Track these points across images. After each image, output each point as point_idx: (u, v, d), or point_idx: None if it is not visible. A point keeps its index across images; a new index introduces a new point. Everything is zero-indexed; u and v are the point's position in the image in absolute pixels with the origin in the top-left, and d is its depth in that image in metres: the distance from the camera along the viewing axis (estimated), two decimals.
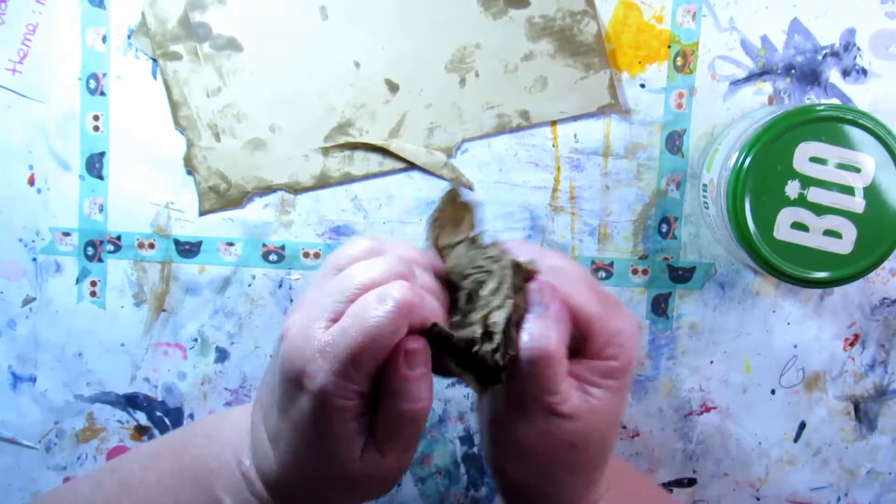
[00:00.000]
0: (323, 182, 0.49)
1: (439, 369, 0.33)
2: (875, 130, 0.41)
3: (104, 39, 0.49)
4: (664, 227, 0.49)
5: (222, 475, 0.36)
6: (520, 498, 0.38)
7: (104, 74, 0.49)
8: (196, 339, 0.50)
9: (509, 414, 0.35)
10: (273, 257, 0.50)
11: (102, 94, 0.49)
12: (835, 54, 0.48)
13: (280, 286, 0.50)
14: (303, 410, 0.32)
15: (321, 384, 0.31)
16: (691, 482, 0.51)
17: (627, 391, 0.36)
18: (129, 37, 0.48)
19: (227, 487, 0.36)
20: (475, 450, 0.51)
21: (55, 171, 0.49)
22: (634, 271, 0.49)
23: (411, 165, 0.49)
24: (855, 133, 0.41)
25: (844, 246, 0.42)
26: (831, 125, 0.41)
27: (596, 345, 0.35)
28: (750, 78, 0.48)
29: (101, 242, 0.50)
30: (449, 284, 0.36)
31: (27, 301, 0.50)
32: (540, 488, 0.37)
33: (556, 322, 0.33)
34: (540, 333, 0.33)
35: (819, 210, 0.41)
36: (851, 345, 0.49)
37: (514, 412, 0.35)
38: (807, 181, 0.41)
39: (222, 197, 0.49)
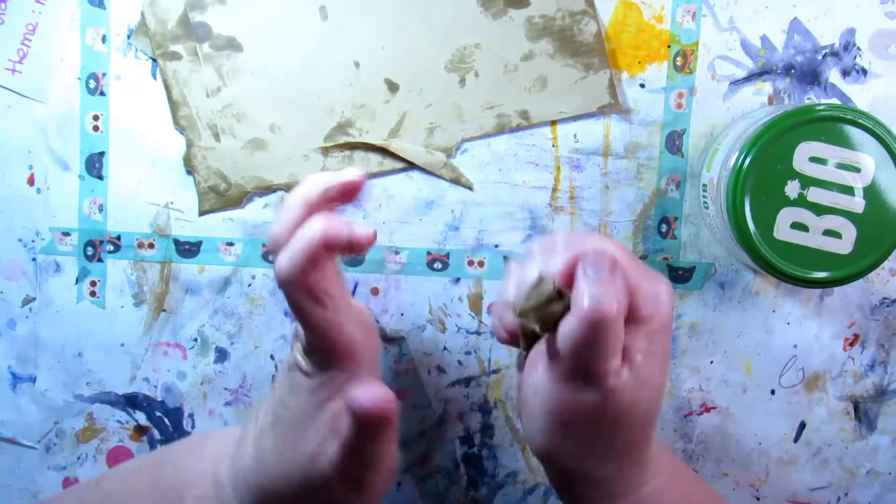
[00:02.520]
0: None
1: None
2: (875, 130, 0.41)
3: (104, 39, 0.49)
4: (664, 227, 0.49)
5: (196, 485, 0.36)
6: (564, 478, 0.38)
7: (104, 74, 0.49)
8: (196, 339, 0.50)
9: (556, 388, 0.34)
10: (273, 257, 0.50)
11: (102, 94, 0.49)
12: (835, 54, 0.48)
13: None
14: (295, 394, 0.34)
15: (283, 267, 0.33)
16: None
17: (668, 360, 0.36)
18: (128, 37, 0.48)
19: (198, 498, 0.36)
20: (475, 450, 0.51)
21: (55, 171, 0.49)
22: None
23: (411, 165, 0.49)
24: (855, 133, 0.41)
25: (844, 246, 0.42)
26: (831, 125, 0.41)
27: (635, 310, 0.34)
28: (750, 78, 0.48)
29: (101, 242, 0.50)
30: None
31: (27, 301, 0.50)
32: (582, 467, 0.36)
33: (615, 286, 0.33)
34: (601, 295, 0.32)
35: (819, 210, 0.41)
36: (851, 345, 0.49)
37: (560, 385, 0.34)
38: (807, 181, 0.41)
39: (222, 197, 0.49)
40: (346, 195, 0.35)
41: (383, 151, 0.49)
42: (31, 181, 0.49)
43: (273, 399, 0.37)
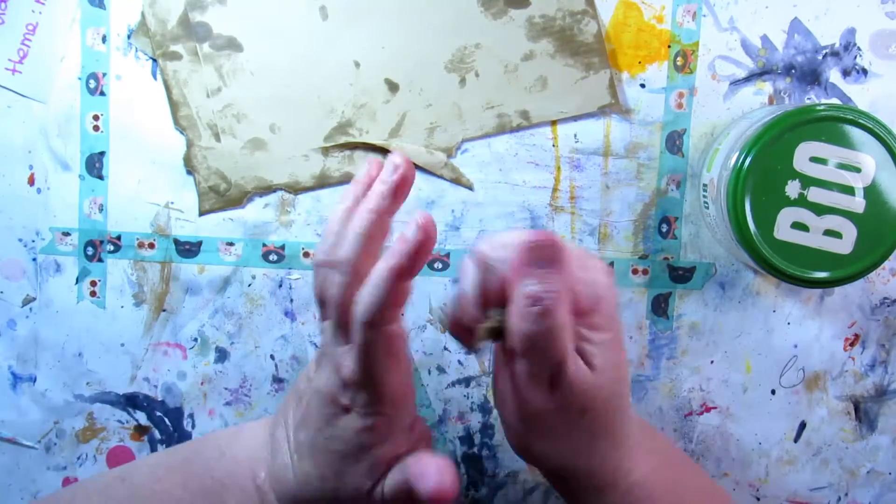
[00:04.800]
0: (323, 182, 0.49)
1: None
2: (875, 130, 0.41)
3: (104, 39, 0.49)
4: (664, 227, 0.49)
5: (235, 490, 0.36)
6: (552, 474, 0.38)
7: (104, 74, 0.49)
8: (196, 339, 0.50)
9: (520, 390, 0.35)
10: (273, 257, 0.50)
11: (102, 94, 0.49)
12: (835, 54, 0.48)
13: (280, 286, 0.50)
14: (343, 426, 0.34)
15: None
16: None
17: (621, 344, 0.36)
18: (129, 37, 0.48)
19: (240, 501, 0.36)
20: (475, 450, 0.51)
21: (55, 171, 0.49)
22: (634, 271, 0.49)
23: None
24: (855, 133, 0.41)
25: (844, 246, 0.42)
26: (831, 125, 0.41)
27: (576, 302, 0.34)
28: (750, 78, 0.48)
29: (101, 242, 0.50)
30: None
31: (27, 301, 0.50)
32: (564, 463, 0.36)
33: (554, 278, 0.33)
34: (540, 289, 0.32)
35: (819, 210, 0.41)
36: (851, 345, 0.49)
37: (523, 387, 0.34)
38: (807, 181, 0.41)
39: (222, 197, 0.49)
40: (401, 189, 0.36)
41: (383, 151, 0.49)
42: (31, 181, 0.49)
43: (305, 415, 0.36)
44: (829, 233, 0.42)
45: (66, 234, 0.50)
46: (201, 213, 0.49)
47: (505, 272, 0.34)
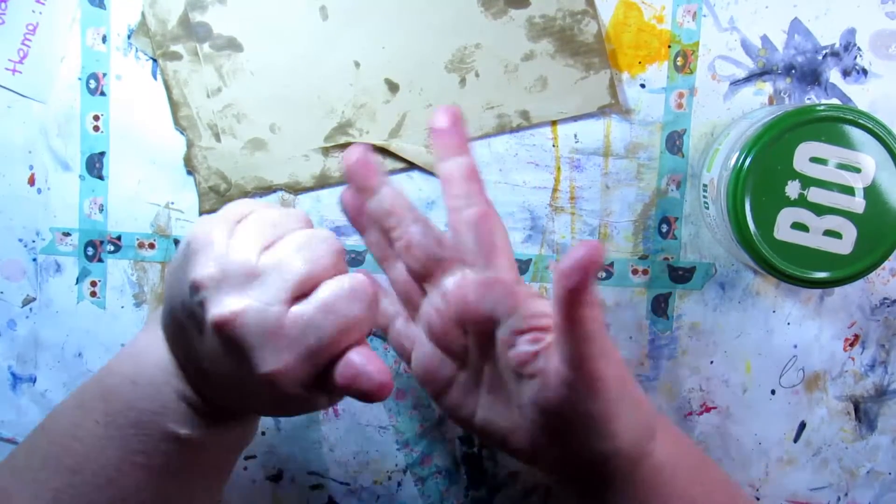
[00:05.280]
0: (323, 182, 0.49)
1: None
2: (875, 130, 0.41)
3: (104, 39, 0.49)
4: (664, 227, 0.49)
5: (168, 413, 0.36)
6: (583, 480, 0.38)
7: (104, 74, 0.49)
8: None
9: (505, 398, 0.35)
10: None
11: (102, 94, 0.49)
12: (835, 54, 0.48)
13: None
14: (242, 376, 0.33)
15: (275, 367, 0.32)
16: None
17: (595, 337, 0.36)
18: (129, 37, 0.48)
19: (179, 421, 0.36)
20: (475, 450, 0.51)
21: (55, 171, 0.49)
22: (634, 271, 0.49)
23: (411, 165, 0.49)
24: (855, 133, 0.41)
25: (844, 246, 0.42)
26: (831, 125, 0.41)
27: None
28: (750, 78, 0.48)
29: (101, 242, 0.50)
30: None
31: (27, 301, 0.50)
32: (572, 456, 0.36)
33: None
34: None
35: (819, 210, 0.41)
36: (851, 345, 0.49)
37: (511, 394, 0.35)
38: (807, 181, 0.41)
39: (222, 197, 0.49)
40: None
41: (383, 151, 0.49)
42: (31, 181, 0.49)
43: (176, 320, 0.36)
44: (829, 233, 0.42)
45: (67, 234, 0.50)
46: (201, 213, 0.49)
47: None
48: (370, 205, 0.40)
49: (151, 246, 0.50)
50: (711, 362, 0.50)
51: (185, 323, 0.35)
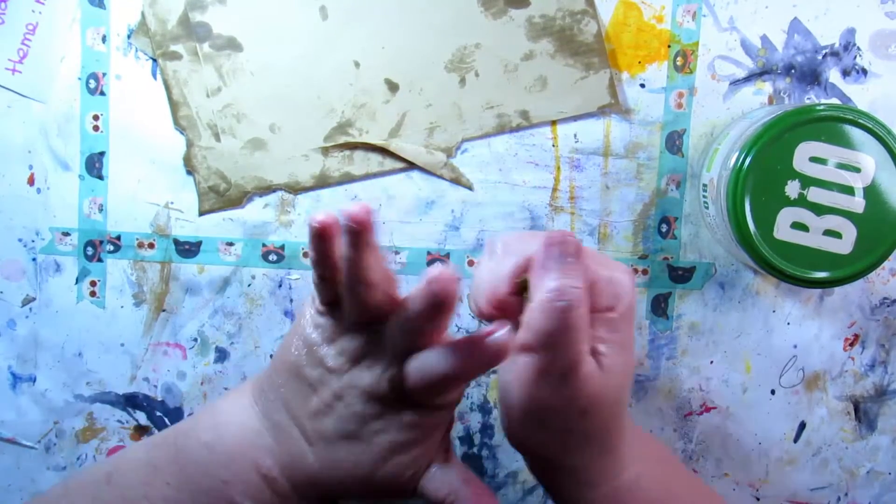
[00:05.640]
0: (323, 182, 0.49)
1: None
2: (875, 130, 0.41)
3: (104, 39, 0.49)
4: (664, 227, 0.49)
5: (237, 485, 0.36)
6: (540, 466, 0.39)
7: (104, 74, 0.49)
8: (196, 339, 0.50)
9: (528, 382, 0.35)
10: (273, 257, 0.50)
11: (102, 94, 0.49)
12: (835, 54, 0.48)
13: (280, 286, 0.50)
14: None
15: None
16: None
17: (632, 348, 0.36)
18: (129, 37, 0.48)
19: (246, 493, 0.36)
20: (475, 450, 0.51)
21: (55, 171, 0.49)
22: (634, 271, 0.49)
23: (411, 165, 0.49)
24: (855, 133, 0.41)
25: (844, 246, 0.42)
26: (831, 125, 0.41)
27: (595, 300, 0.35)
28: (750, 78, 0.48)
29: (101, 242, 0.50)
30: None
31: (27, 301, 0.50)
32: (557, 456, 0.37)
33: (575, 273, 0.33)
34: (561, 284, 0.33)
35: (819, 210, 0.41)
36: (851, 345, 0.49)
37: (533, 379, 0.35)
38: (807, 181, 0.41)
39: (222, 197, 0.49)
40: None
41: (383, 151, 0.49)
42: (31, 181, 0.49)
43: (329, 404, 0.36)
44: (828, 233, 0.42)
45: (66, 234, 0.50)
46: (201, 213, 0.49)
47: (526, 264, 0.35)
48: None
49: (151, 246, 0.50)
50: (711, 362, 0.50)
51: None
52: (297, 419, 0.37)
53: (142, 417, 0.51)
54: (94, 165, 0.49)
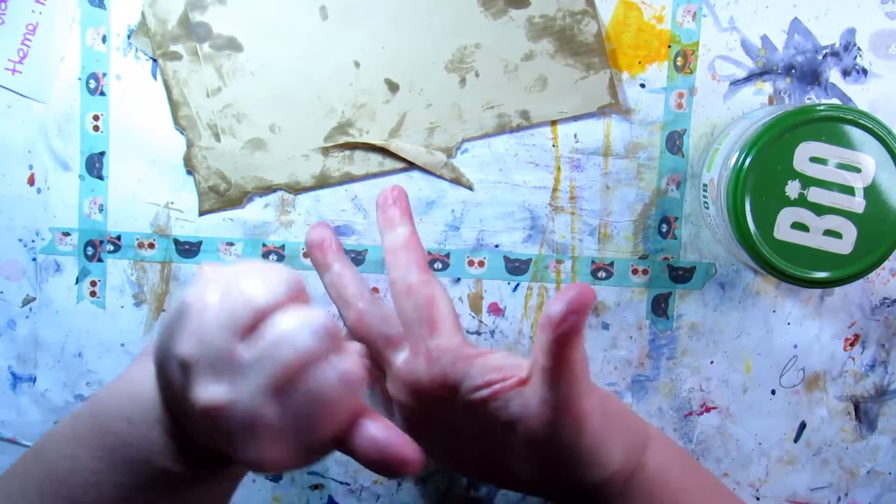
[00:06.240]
0: (323, 182, 0.49)
1: None
2: (875, 130, 0.41)
3: (104, 39, 0.49)
4: (664, 227, 0.49)
5: (162, 450, 0.36)
6: (558, 500, 0.40)
7: (104, 74, 0.49)
8: None
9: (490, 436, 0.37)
10: (273, 257, 0.50)
11: (102, 94, 0.49)
12: (835, 54, 0.48)
13: None
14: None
15: (263, 458, 0.32)
16: None
17: (573, 375, 0.36)
18: (129, 37, 0.48)
19: (171, 458, 0.35)
20: None
21: (55, 171, 0.49)
22: (634, 271, 0.49)
23: (411, 165, 0.49)
24: (855, 133, 0.41)
25: (844, 246, 0.42)
26: (831, 125, 0.41)
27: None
28: (750, 78, 0.48)
29: (101, 242, 0.50)
30: None
31: (27, 301, 0.50)
32: (567, 486, 0.37)
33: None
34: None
35: (819, 210, 0.41)
36: (851, 345, 0.49)
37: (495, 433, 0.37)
38: (807, 181, 0.41)
39: (222, 197, 0.49)
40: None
41: (383, 151, 0.49)
42: (31, 181, 0.49)
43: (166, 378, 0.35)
44: (829, 233, 0.42)
45: (66, 234, 0.50)
46: (201, 213, 0.49)
47: None
48: (324, 279, 0.43)
49: (151, 246, 0.50)
50: (711, 362, 0.50)
51: (175, 376, 0.33)
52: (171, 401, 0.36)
53: None
54: (94, 165, 0.49)
